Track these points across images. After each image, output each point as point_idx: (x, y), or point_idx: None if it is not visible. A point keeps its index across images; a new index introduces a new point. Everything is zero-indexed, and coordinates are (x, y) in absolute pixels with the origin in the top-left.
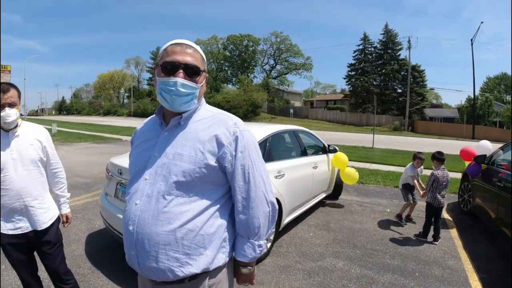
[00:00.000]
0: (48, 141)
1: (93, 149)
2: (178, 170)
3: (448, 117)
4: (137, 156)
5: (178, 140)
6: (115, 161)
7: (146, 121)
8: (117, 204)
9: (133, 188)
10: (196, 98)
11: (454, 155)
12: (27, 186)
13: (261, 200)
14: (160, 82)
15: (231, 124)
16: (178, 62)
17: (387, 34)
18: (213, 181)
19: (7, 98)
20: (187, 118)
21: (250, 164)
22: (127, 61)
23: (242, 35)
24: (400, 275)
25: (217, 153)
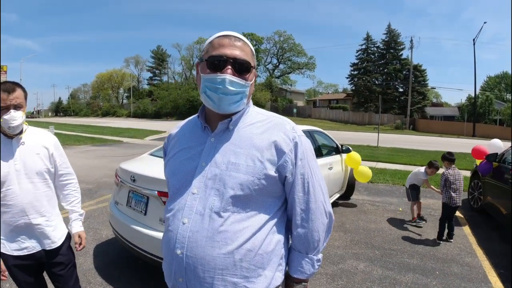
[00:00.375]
0: (56, 149)
1: (93, 152)
2: (234, 182)
3: (448, 116)
4: (179, 166)
5: (229, 147)
6: (126, 166)
7: (183, 124)
8: (130, 214)
9: (177, 204)
10: (245, 98)
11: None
12: (33, 201)
13: (321, 211)
14: (205, 79)
15: (289, 129)
16: (226, 57)
17: (389, 34)
18: (271, 192)
19: (13, 99)
20: (236, 122)
21: (310, 172)
22: (127, 60)
23: (245, 34)
24: (421, 274)
25: (276, 162)
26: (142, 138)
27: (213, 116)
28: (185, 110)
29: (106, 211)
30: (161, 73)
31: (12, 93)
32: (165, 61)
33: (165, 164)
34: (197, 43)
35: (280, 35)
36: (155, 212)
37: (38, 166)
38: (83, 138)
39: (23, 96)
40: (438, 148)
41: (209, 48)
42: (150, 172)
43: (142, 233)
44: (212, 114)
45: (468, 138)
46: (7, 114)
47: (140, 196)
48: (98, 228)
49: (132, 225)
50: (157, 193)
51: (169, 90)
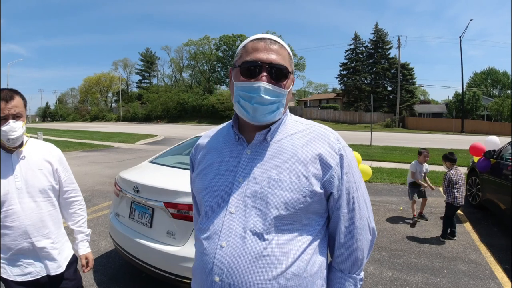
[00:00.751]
0: (61, 163)
1: (84, 158)
2: (278, 201)
3: (436, 113)
4: (213, 182)
5: (269, 161)
6: (127, 176)
7: (213, 134)
8: (133, 226)
9: (212, 225)
10: (282, 107)
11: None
12: (36, 223)
13: (365, 228)
14: (239, 88)
15: (334, 140)
16: (261, 62)
17: (377, 34)
18: (316, 210)
19: (11, 108)
20: (275, 132)
21: (355, 187)
22: (115, 63)
23: (235, 35)
24: (430, 273)
25: (322, 177)
26: (134, 143)
27: (248, 126)
28: (176, 113)
29: (102, 221)
30: (151, 75)
31: (10, 102)
32: (154, 63)
33: (194, 177)
34: (186, 45)
35: None
36: (161, 224)
37: (42, 183)
38: (73, 144)
39: (23, 104)
40: (430, 145)
41: (243, 53)
42: (154, 182)
43: (148, 247)
44: (245, 124)
45: (457, 134)
46: (6, 125)
47: (145, 207)
48: (96, 239)
49: (136, 238)
50: (164, 204)
51: (159, 93)
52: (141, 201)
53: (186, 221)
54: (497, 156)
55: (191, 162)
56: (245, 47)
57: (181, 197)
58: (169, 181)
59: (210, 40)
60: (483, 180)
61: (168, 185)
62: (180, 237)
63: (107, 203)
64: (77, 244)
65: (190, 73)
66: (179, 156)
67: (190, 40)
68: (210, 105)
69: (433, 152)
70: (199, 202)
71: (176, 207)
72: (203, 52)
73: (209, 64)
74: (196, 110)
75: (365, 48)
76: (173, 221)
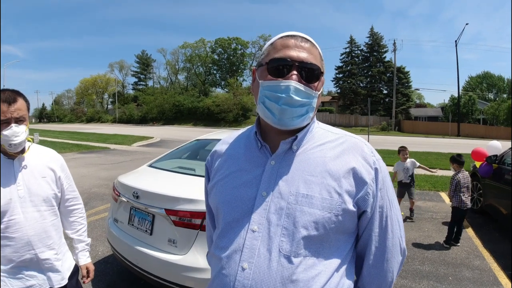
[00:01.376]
0: (63, 171)
1: (80, 160)
2: (307, 220)
3: (432, 116)
4: (232, 194)
5: (296, 174)
6: (126, 181)
7: (232, 140)
8: (132, 233)
9: (232, 243)
10: (312, 111)
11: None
12: (40, 233)
13: (397, 249)
14: (265, 87)
15: (368, 152)
16: (291, 59)
17: (372, 37)
18: (346, 230)
19: (14, 111)
20: (301, 141)
21: (389, 204)
22: (111, 65)
23: (230, 38)
24: (435, 281)
25: (356, 194)
26: (130, 145)
27: (271, 132)
28: (172, 115)
29: (99, 224)
30: (146, 78)
31: (13, 104)
32: (150, 66)
33: (210, 188)
34: (182, 48)
35: (265, 39)
36: (162, 232)
37: (46, 192)
38: (69, 145)
39: (26, 107)
40: (427, 149)
41: (271, 50)
42: (155, 188)
43: (148, 254)
44: (270, 129)
45: (453, 137)
46: (8, 129)
47: (145, 214)
48: (93, 244)
49: (136, 245)
50: (165, 211)
51: (154, 95)
52: (141, 207)
53: (188, 229)
54: (499, 161)
55: (206, 170)
56: (273, 44)
57: (182, 204)
58: (170, 186)
59: (205, 43)
60: (485, 185)
61: (169, 191)
62: (182, 245)
63: (104, 206)
64: (77, 254)
65: (186, 76)
66: (178, 160)
67: (185, 43)
68: (205, 107)
69: (431, 156)
70: (216, 216)
71: (178, 214)
72: (199, 55)
73: (204, 66)
74: (192, 113)
75: (361, 51)
76: (174, 228)
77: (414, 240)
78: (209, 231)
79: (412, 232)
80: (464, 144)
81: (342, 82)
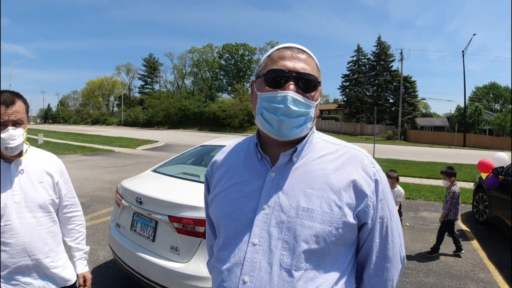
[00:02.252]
0: (62, 176)
1: (84, 162)
2: (308, 234)
3: (438, 126)
4: (232, 206)
5: (296, 186)
6: (130, 186)
7: (231, 150)
8: (134, 239)
9: (233, 256)
10: (310, 121)
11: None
12: (36, 240)
13: (397, 258)
14: (263, 98)
15: (368, 164)
16: (288, 70)
17: (380, 46)
18: (346, 241)
19: (12, 114)
20: (301, 152)
21: (389, 215)
22: (118, 67)
23: (238, 44)
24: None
25: (356, 207)
26: (134, 148)
27: (271, 144)
28: (177, 119)
29: (101, 228)
30: (153, 81)
31: (11, 107)
32: (157, 69)
33: (211, 200)
34: (189, 52)
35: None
36: (165, 239)
37: (42, 198)
38: (73, 147)
39: (24, 109)
40: (432, 159)
41: (268, 62)
42: (159, 194)
43: (149, 261)
44: (269, 140)
45: (459, 148)
46: (4, 132)
47: (148, 220)
48: (94, 248)
49: (137, 252)
50: (168, 218)
51: (160, 98)
52: (144, 213)
53: (191, 237)
54: (505, 173)
55: (206, 181)
56: (270, 56)
57: (186, 211)
58: (174, 193)
59: (213, 48)
60: (490, 197)
61: (173, 198)
62: (184, 253)
63: (106, 209)
64: (74, 262)
65: (192, 80)
66: (183, 166)
67: (193, 48)
68: (211, 112)
69: (437, 167)
70: (217, 228)
71: (181, 221)
72: (206, 60)
73: (211, 71)
74: (197, 117)
75: (368, 60)
76: (177, 236)
77: (418, 251)
78: (210, 240)
79: (417, 243)
80: (470, 155)
81: (348, 90)
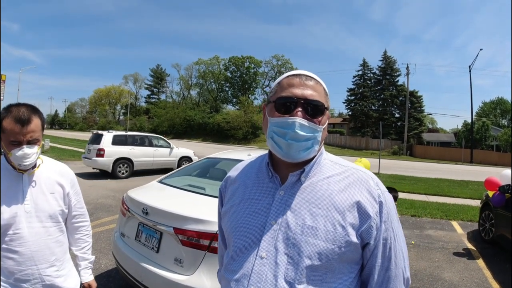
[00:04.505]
0: (73, 187)
1: (88, 169)
2: (312, 250)
3: (445, 142)
4: (243, 221)
5: (302, 205)
6: (136, 196)
7: (244, 168)
8: (139, 249)
9: (241, 268)
10: (317, 144)
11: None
12: (43, 249)
13: (400, 279)
14: (273, 123)
15: (373, 186)
16: (296, 97)
17: (385, 61)
18: (350, 259)
19: (27, 134)
20: (309, 173)
21: (393, 236)
22: (126, 77)
23: (244, 56)
24: None
25: (359, 227)
26: None
27: (281, 164)
28: (182, 129)
29: (104, 236)
30: (159, 91)
31: (26, 126)
32: (164, 80)
33: (223, 213)
34: (196, 64)
35: (278, 59)
36: (169, 250)
37: (52, 208)
38: (79, 154)
39: (40, 126)
40: (439, 175)
41: (278, 89)
42: (165, 206)
43: (153, 272)
44: (279, 161)
45: (466, 164)
46: (20, 150)
47: (152, 231)
48: (96, 256)
49: (141, 262)
50: (174, 230)
51: (166, 108)
52: (149, 224)
53: (195, 249)
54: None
55: (220, 194)
56: (280, 83)
57: (191, 223)
58: (180, 205)
59: (219, 60)
60: (497, 215)
61: (178, 210)
62: (188, 265)
63: (110, 217)
64: (79, 271)
65: (198, 91)
66: (189, 178)
67: (200, 59)
68: (216, 123)
69: (443, 183)
70: (227, 240)
71: (186, 233)
72: (212, 72)
73: (217, 83)
74: (202, 128)
75: (373, 74)
76: (181, 248)
77: (424, 271)
78: (221, 251)
79: (422, 262)
80: (477, 171)
81: (353, 104)
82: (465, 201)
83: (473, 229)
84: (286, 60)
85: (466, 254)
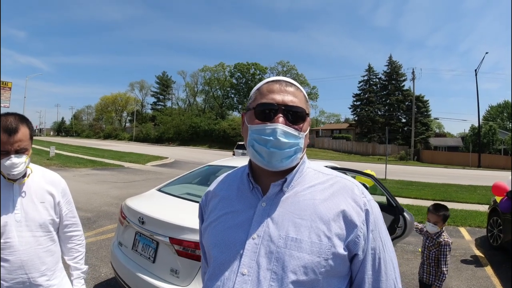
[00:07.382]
0: (64, 196)
1: (93, 176)
2: (296, 264)
3: (452, 146)
4: (223, 236)
5: (285, 217)
6: (133, 205)
7: (224, 179)
8: (135, 259)
9: (222, 286)
10: (300, 152)
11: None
12: (33, 258)
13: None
14: (253, 131)
15: (359, 194)
16: (277, 104)
17: (391, 66)
18: (338, 273)
19: (14, 143)
20: (291, 182)
21: (381, 246)
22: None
23: (249, 63)
24: None
25: (346, 237)
26: (144, 164)
27: (262, 173)
28: (188, 136)
29: (106, 245)
30: (165, 98)
31: (13, 136)
32: (169, 87)
33: (204, 228)
34: (201, 71)
35: (284, 66)
36: (165, 260)
37: (42, 218)
38: (84, 161)
39: (28, 136)
40: (446, 181)
41: (257, 96)
42: (161, 215)
43: (148, 283)
44: (261, 170)
45: (474, 169)
46: (7, 160)
47: (149, 240)
48: (97, 264)
49: (137, 272)
50: (169, 240)
51: (172, 115)
52: (145, 233)
53: (191, 260)
54: None
55: (200, 210)
56: (260, 90)
57: (187, 233)
58: (176, 214)
59: (225, 67)
60: (505, 220)
61: (174, 219)
62: (184, 276)
63: (112, 225)
64: (71, 281)
65: (204, 98)
66: (188, 186)
67: (205, 66)
68: (221, 130)
69: (451, 188)
70: (208, 256)
71: (182, 244)
72: (218, 78)
73: (222, 90)
74: (208, 135)
75: (379, 79)
76: (177, 258)
77: None
78: (204, 268)
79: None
80: (485, 176)
81: (359, 109)
82: (473, 206)
83: (481, 235)
84: (291, 66)
85: (474, 261)
